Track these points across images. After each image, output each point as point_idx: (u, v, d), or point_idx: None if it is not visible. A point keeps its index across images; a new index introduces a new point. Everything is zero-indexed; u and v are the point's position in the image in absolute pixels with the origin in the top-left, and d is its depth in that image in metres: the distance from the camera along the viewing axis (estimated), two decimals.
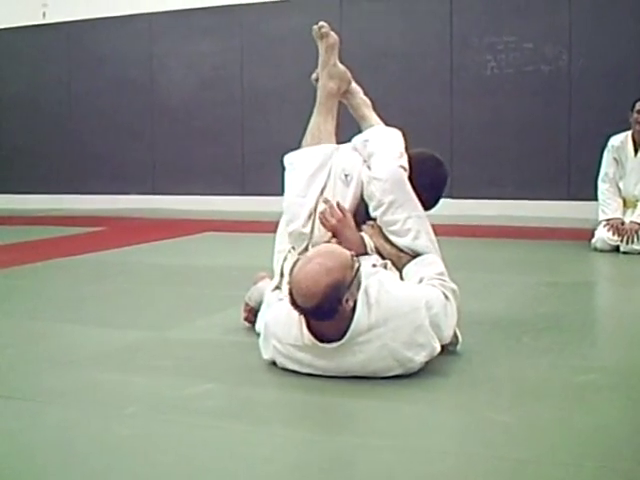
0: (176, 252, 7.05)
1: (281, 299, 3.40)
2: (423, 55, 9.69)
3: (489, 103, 9.55)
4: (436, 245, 3.60)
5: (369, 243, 3.57)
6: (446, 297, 3.24)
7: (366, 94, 4.21)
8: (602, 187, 6.80)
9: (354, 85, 4.21)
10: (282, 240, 3.82)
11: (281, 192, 3.87)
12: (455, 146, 9.41)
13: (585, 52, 9.16)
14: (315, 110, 4.07)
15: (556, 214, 8.91)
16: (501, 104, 9.52)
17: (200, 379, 3.15)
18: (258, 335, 3.44)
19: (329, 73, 4.14)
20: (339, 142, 3.90)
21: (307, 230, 3.63)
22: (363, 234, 3.60)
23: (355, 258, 3.10)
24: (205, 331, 4.04)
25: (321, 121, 4.00)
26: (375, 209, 3.59)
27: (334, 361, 3.05)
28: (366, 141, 3.80)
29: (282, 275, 3.69)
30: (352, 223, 3.60)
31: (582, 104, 9.16)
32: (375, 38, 9.89)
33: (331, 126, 3.98)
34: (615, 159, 6.76)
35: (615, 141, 6.79)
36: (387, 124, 4.03)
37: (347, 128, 4.08)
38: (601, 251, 6.47)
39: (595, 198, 6.86)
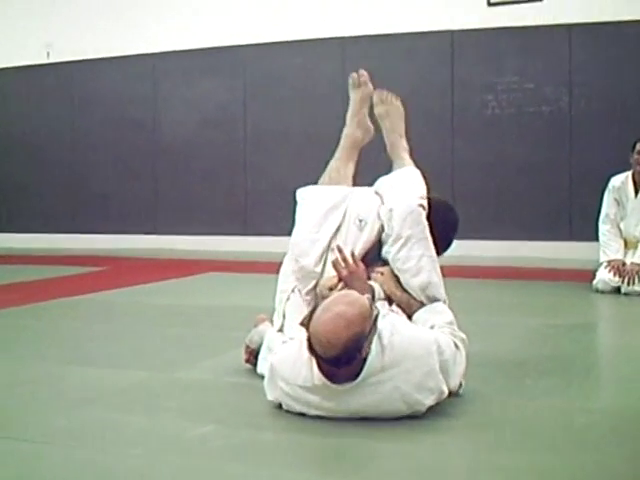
0: (179, 292, 7.06)
1: (285, 342, 3.41)
2: (425, 95, 9.75)
3: (490, 143, 9.60)
4: (442, 285, 3.63)
5: (379, 292, 3.58)
6: (456, 346, 3.26)
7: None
8: (603, 228, 6.82)
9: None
10: (285, 279, 3.81)
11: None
12: (456, 186, 9.44)
13: (586, 93, 9.21)
14: (337, 154, 4.09)
15: (557, 255, 8.92)
16: (502, 144, 9.57)
17: (203, 420, 3.16)
18: (260, 377, 3.45)
19: (359, 122, 4.15)
20: (357, 185, 3.93)
21: (318, 270, 3.65)
22: (373, 283, 3.61)
23: (374, 306, 3.10)
24: (208, 372, 4.04)
25: (341, 165, 4.03)
26: (392, 244, 3.59)
27: (344, 402, 3.05)
28: (390, 180, 3.83)
29: (284, 317, 3.70)
30: (364, 275, 3.59)
31: (583, 145, 9.20)
32: (377, 78, 9.89)
33: (350, 171, 4.01)
34: (616, 200, 6.79)
35: (616, 182, 6.82)
36: (388, 163, 4.07)
37: (365, 173, 4.10)
38: (602, 292, 6.48)
39: (596, 239, 6.87)
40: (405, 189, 3.72)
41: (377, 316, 3.04)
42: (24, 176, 11.95)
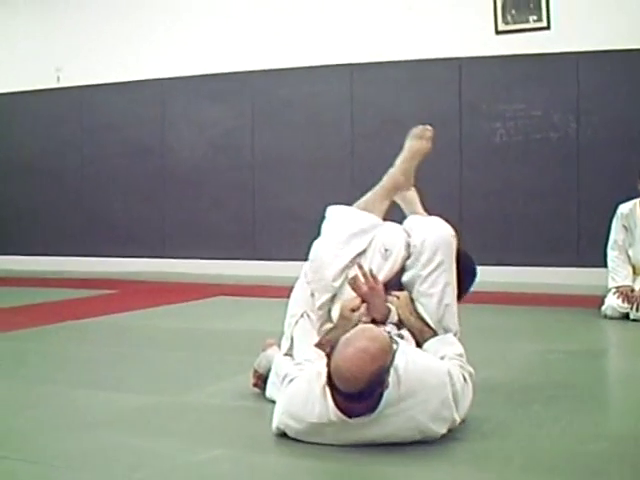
0: (187, 316, 7.06)
1: (296, 364, 3.39)
2: (432, 122, 9.56)
3: (498, 170, 9.60)
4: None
5: (394, 315, 3.59)
6: (464, 379, 3.26)
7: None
8: (611, 254, 6.82)
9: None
10: (295, 304, 3.79)
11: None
12: (464, 212, 9.45)
13: (593, 120, 9.22)
14: (375, 189, 4.09)
15: (565, 281, 8.90)
16: (510, 171, 9.57)
17: (210, 445, 3.16)
18: (268, 401, 3.46)
19: (405, 170, 4.16)
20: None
21: (337, 284, 3.65)
22: (390, 305, 3.62)
23: (393, 339, 3.10)
24: (216, 396, 4.05)
25: (377, 199, 4.04)
26: (422, 268, 3.59)
27: (359, 434, 3.04)
28: (421, 215, 3.92)
29: (292, 340, 3.70)
30: (382, 293, 3.60)
31: (591, 171, 9.20)
32: (385, 105, 9.98)
33: (384, 207, 4.03)
34: (624, 226, 6.79)
35: (624, 209, 6.82)
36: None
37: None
38: (611, 318, 6.47)
39: (604, 265, 6.87)
40: (438, 221, 3.77)
41: (396, 350, 3.03)
42: (33, 199, 11.98)
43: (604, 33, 9.04)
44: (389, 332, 3.42)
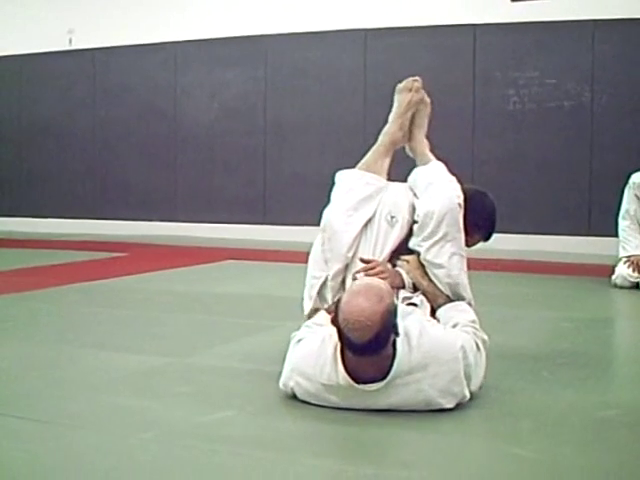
0: (197, 279, 7.07)
1: (308, 329, 3.40)
2: (446, 89, 9.72)
3: (511, 138, 9.57)
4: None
5: (407, 280, 3.59)
6: (477, 347, 3.25)
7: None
8: (623, 224, 6.79)
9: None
10: (316, 265, 3.76)
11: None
12: (476, 180, 9.40)
13: (608, 89, 9.17)
14: (374, 148, 4.05)
15: (576, 249, 8.90)
16: (523, 139, 9.54)
17: (219, 406, 3.17)
18: (278, 364, 3.46)
19: (401, 125, 4.10)
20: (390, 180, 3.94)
21: (350, 254, 3.63)
22: (400, 270, 3.62)
23: (394, 286, 3.17)
24: (224, 358, 4.06)
25: (378, 158, 4.01)
26: (426, 239, 3.59)
27: (366, 401, 3.03)
28: (426, 173, 3.84)
29: (318, 300, 3.67)
30: (392, 273, 3.59)
31: (604, 140, 9.17)
32: (399, 71, 9.86)
33: (386, 165, 3.99)
34: (636, 196, 6.76)
35: (636, 178, 6.78)
36: (410, 158, 4.07)
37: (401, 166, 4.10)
38: (621, 287, 6.46)
39: (615, 234, 6.85)
40: (443, 186, 3.72)
41: (398, 292, 3.11)
42: (46, 162, 12.00)
43: (620, 1, 8.97)
44: (406, 296, 3.44)
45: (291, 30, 10.49)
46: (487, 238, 3.91)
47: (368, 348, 2.92)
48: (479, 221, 3.78)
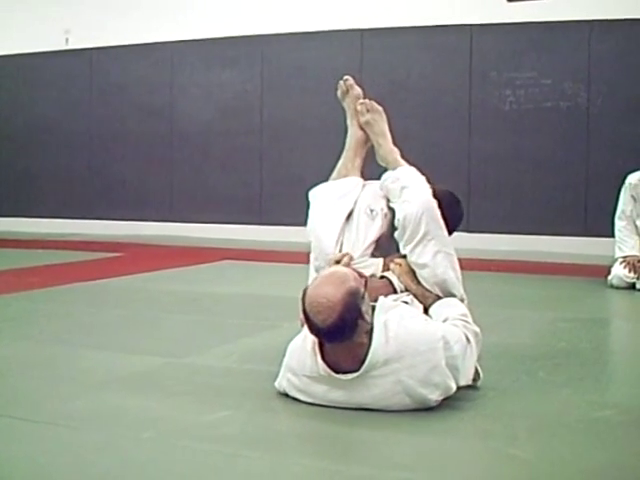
0: (193, 279, 7.08)
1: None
2: (442, 89, 9.74)
3: (507, 138, 9.58)
4: (460, 281, 3.64)
5: (398, 284, 3.61)
6: (467, 340, 3.25)
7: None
8: (619, 224, 6.80)
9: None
10: (313, 273, 3.84)
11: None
12: (472, 180, 9.44)
13: (604, 89, 9.18)
14: (344, 154, 4.17)
15: (572, 250, 8.90)
16: (519, 139, 9.54)
17: (217, 406, 3.18)
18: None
19: (359, 123, 4.20)
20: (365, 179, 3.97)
21: (336, 251, 3.68)
22: (389, 275, 3.64)
23: (361, 274, 3.17)
24: (221, 359, 4.06)
25: (348, 162, 4.12)
26: (407, 243, 3.61)
27: (348, 394, 3.07)
28: (397, 178, 3.84)
29: None
30: (381, 285, 3.61)
31: (600, 141, 9.18)
32: (395, 71, 9.95)
33: (358, 165, 4.08)
34: (632, 197, 6.77)
35: (632, 179, 6.79)
36: (405, 158, 4.08)
37: (373, 168, 4.12)
38: (617, 288, 6.47)
39: (611, 235, 6.86)
40: (417, 187, 3.75)
41: (367, 282, 3.11)
42: (43, 161, 11.99)
43: (616, 2, 8.99)
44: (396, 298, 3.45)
45: (287, 30, 10.49)
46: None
47: (334, 332, 2.97)
48: (451, 220, 3.76)
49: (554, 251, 8.93)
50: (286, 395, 3.24)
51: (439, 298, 3.58)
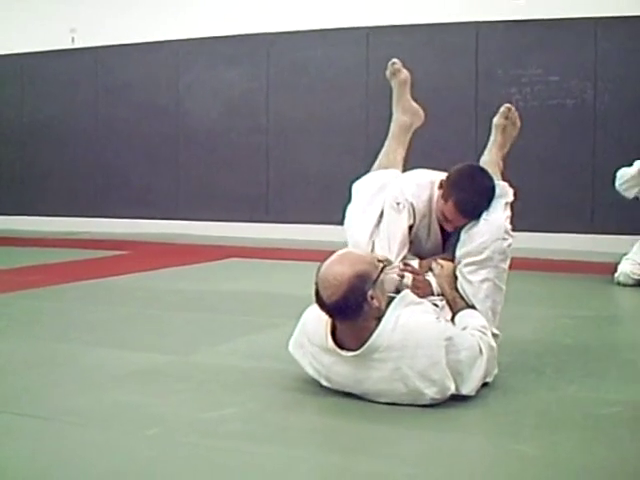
0: (199, 277, 7.07)
1: None
2: (448, 87, 9.72)
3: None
4: (496, 316, 3.59)
5: (436, 288, 3.61)
6: (480, 351, 3.24)
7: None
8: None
9: None
10: None
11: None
12: None
13: (610, 86, 9.16)
14: (387, 141, 4.18)
15: (579, 247, 8.88)
16: (525, 137, 9.43)
17: (221, 403, 3.18)
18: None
19: (404, 108, 4.26)
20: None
21: (369, 248, 3.69)
22: (430, 278, 3.62)
23: (381, 259, 3.18)
24: (226, 356, 4.06)
25: (390, 151, 4.13)
26: (467, 255, 3.58)
27: (350, 370, 3.12)
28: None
29: None
30: (422, 284, 3.61)
31: (607, 138, 9.15)
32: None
33: (400, 156, 4.10)
34: None
35: None
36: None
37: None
38: (624, 285, 6.45)
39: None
40: (499, 215, 3.78)
41: (384, 268, 3.14)
42: (48, 160, 11.99)
43: None
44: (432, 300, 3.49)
45: (293, 28, 10.48)
46: (459, 208, 3.72)
47: (337, 309, 3.06)
48: (455, 185, 3.72)
49: (560, 248, 8.90)
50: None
51: (467, 306, 3.57)
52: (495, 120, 4.23)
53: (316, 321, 3.25)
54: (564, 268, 7.69)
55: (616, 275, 6.55)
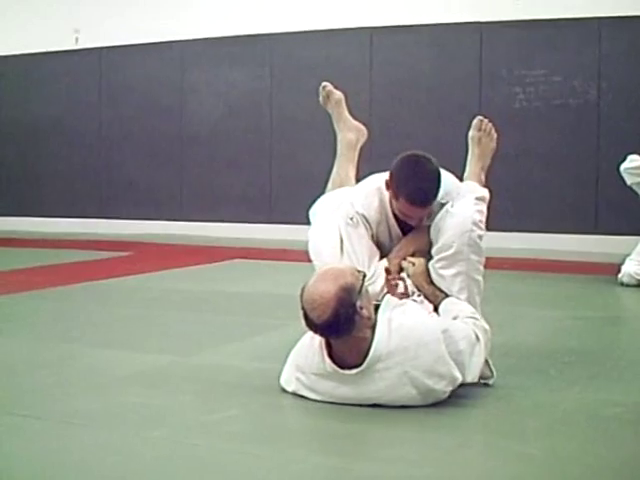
0: (203, 278, 7.08)
1: None
2: (452, 87, 9.72)
3: (517, 136, 9.54)
4: (476, 306, 3.56)
5: (409, 286, 3.58)
6: (477, 338, 3.25)
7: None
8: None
9: None
10: None
11: (307, 221, 3.94)
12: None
13: (614, 86, 9.15)
14: (336, 161, 4.21)
15: (583, 248, 8.87)
16: (529, 137, 9.52)
17: (226, 404, 3.18)
18: (283, 363, 3.47)
19: (345, 126, 4.30)
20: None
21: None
22: (404, 276, 3.61)
23: (359, 270, 3.17)
24: (230, 357, 4.07)
25: (341, 169, 4.19)
26: (439, 251, 3.56)
27: (355, 389, 3.08)
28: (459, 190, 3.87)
29: None
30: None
31: (610, 138, 9.14)
32: (404, 69, 9.93)
33: (352, 173, 4.15)
34: None
35: None
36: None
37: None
38: (627, 286, 6.44)
39: (622, 232, 6.84)
40: (467, 206, 3.72)
41: (364, 277, 3.13)
42: (52, 161, 11.99)
43: None
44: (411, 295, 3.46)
45: (297, 29, 10.48)
46: (411, 201, 3.61)
47: (330, 328, 3.02)
48: (399, 180, 3.67)
49: (564, 249, 8.89)
50: (293, 394, 3.24)
51: (447, 296, 3.56)
52: (470, 133, 4.19)
53: (306, 351, 3.22)
54: (567, 269, 7.68)
55: (620, 276, 6.55)
